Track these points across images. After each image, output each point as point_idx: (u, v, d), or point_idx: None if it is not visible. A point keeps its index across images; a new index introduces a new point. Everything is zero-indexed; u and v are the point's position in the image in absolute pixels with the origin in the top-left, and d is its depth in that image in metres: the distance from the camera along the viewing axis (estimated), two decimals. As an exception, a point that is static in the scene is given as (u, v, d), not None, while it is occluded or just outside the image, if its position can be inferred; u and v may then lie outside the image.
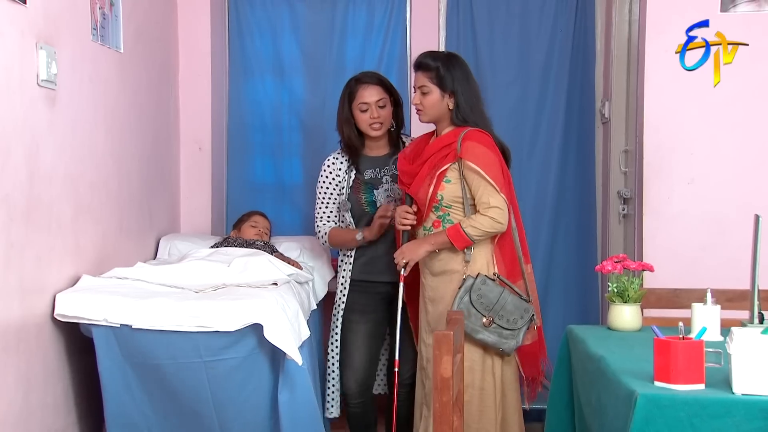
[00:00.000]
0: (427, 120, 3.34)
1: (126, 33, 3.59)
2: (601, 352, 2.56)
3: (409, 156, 3.38)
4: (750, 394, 2.08)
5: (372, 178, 3.69)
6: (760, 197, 3.77)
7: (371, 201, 3.67)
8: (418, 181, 3.25)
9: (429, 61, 3.30)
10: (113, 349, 2.90)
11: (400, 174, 3.39)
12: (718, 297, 2.87)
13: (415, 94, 3.34)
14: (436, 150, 3.26)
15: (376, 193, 3.67)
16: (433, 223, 3.28)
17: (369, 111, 3.59)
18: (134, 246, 3.76)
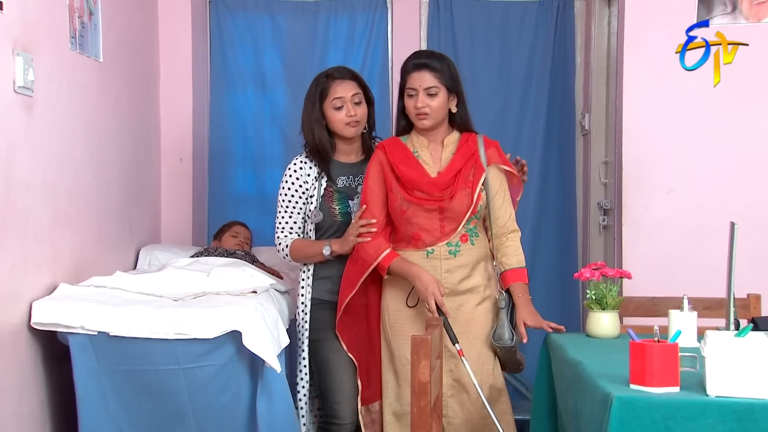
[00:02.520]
0: (431, 124, 3.12)
1: (105, 42, 3.59)
2: (579, 357, 2.57)
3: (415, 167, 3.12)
4: (724, 396, 2.09)
5: (346, 187, 3.36)
6: (737, 207, 3.81)
7: (345, 212, 3.33)
8: (454, 193, 3.07)
9: (435, 61, 3.10)
10: (90, 358, 2.87)
11: (426, 187, 3.08)
12: (696, 305, 2.88)
13: (416, 97, 3.08)
14: (466, 158, 3.11)
15: (351, 204, 3.34)
16: (461, 238, 3.11)
17: (344, 108, 3.26)
18: (113, 255, 3.74)
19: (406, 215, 3.10)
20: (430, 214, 3.09)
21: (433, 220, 3.09)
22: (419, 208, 3.08)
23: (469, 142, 3.15)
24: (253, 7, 5.01)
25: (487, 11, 4.99)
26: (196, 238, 4.75)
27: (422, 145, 3.16)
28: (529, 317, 3.05)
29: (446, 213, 3.08)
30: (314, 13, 5.03)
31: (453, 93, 3.12)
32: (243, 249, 4.22)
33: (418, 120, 3.11)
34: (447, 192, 3.07)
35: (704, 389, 2.12)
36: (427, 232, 3.10)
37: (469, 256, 3.11)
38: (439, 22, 4.99)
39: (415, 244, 3.12)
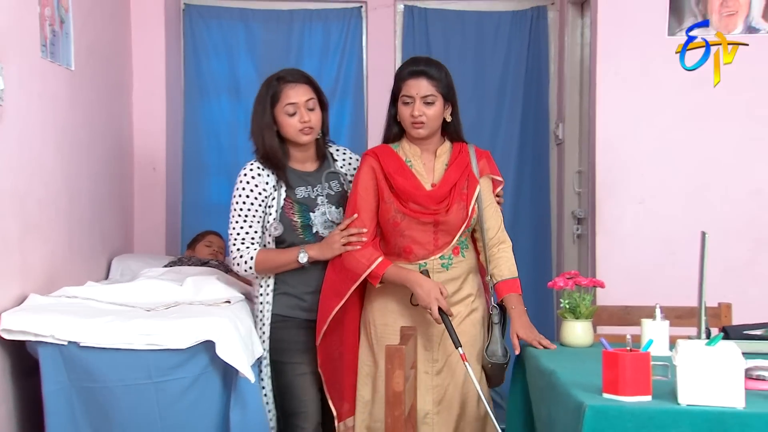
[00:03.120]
0: (427, 134, 3.02)
1: (77, 51, 3.56)
2: (552, 366, 2.57)
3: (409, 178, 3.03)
4: (695, 404, 2.09)
5: (305, 198, 3.15)
6: (708, 217, 3.83)
7: (306, 225, 3.13)
8: (449, 206, 3.00)
9: (432, 69, 3.01)
10: (59, 370, 2.82)
11: (422, 200, 3.00)
12: (668, 314, 2.89)
13: (413, 105, 2.98)
14: (461, 170, 3.05)
15: (312, 216, 3.14)
16: (453, 251, 3.04)
17: (298, 114, 3.07)
18: (85, 265, 3.71)
19: (400, 227, 3.01)
20: (425, 227, 3.01)
21: (427, 233, 3.02)
22: (414, 220, 2.99)
23: (462, 153, 3.08)
24: (227, 16, 5.01)
25: (461, 21, 5.02)
26: (170, 247, 4.72)
27: (415, 154, 3.07)
28: (522, 330, 2.96)
29: (441, 226, 3.01)
30: (289, 22, 5.03)
31: (448, 102, 3.05)
32: (217, 258, 4.20)
33: (413, 129, 3.01)
34: (443, 205, 3.00)
35: (676, 398, 2.12)
36: (420, 245, 3.02)
37: (461, 269, 3.07)
38: (413, 32, 5.01)
39: (407, 257, 3.03)
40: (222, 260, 4.24)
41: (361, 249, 3.00)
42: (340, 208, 3.16)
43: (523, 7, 5.04)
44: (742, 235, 3.89)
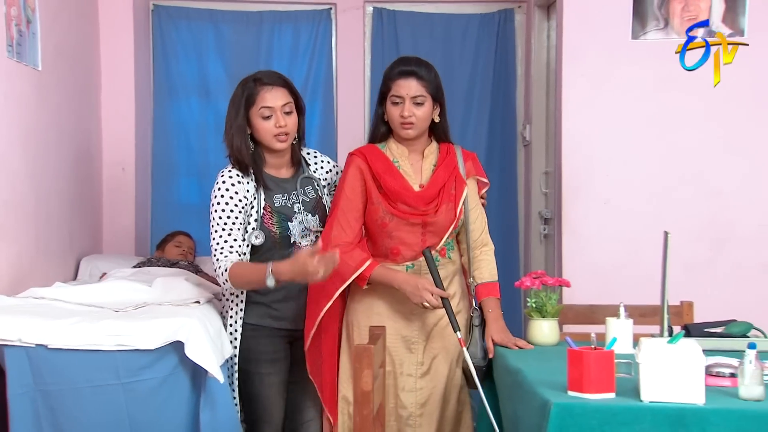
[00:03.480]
0: (416, 134, 2.98)
1: (44, 51, 3.54)
2: (519, 365, 2.59)
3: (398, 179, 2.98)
4: (657, 401, 2.12)
5: (283, 206, 3.04)
6: (671, 217, 3.86)
7: (285, 235, 3.02)
8: (438, 207, 2.97)
9: (422, 70, 2.97)
10: (25, 373, 2.77)
11: (411, 201, 2.95)
12: (632, 312, 2.91)
13: (403, 105, 2.93)
14: (449, 171, 3.02)
15: (290, 226, 3.03)
16: (440, 252, 3.01)
17: (273, 118, 2.95)
18: (53, 266, 3.68)
19: (388, 228, 2.97)
20: (413, 228, 2.97)
21: (416, 235, 2.98)
22: (402, 221, 2.95)
23: (450, 155, 3.05)
24: (197, 17, 4.98)
25: (430, 24, 5.04)
26: (139, 248, 4.70)
27: (402, 154, 3.02)
28: (497, 333, 2.93)
29: (429, 227, 2.98)
30: (258, 24, 5.02)
31: (437, 103, 3.01)
32: (186, 259, 4.18)
33: (402, 129, 2.97)
34: (432, 206, 2.96)
35: (639, 395, 2.15)
36: (408, 246, 2.98)
37: (447, 270, 3.04)
38: (382, 34, 5.02)
39: (394, 258, 2.99)
40: (191, 261, 4.22)
41: (349, 251, 2.92)
42: (316, 216, 3.08)
43: (491, 10, 5.06)
44: (703, 235, 3.92)
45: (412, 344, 3.01)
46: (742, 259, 3.93)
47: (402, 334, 3.00)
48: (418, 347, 3.01)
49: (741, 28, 3.91)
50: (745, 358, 2.18)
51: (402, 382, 2.99)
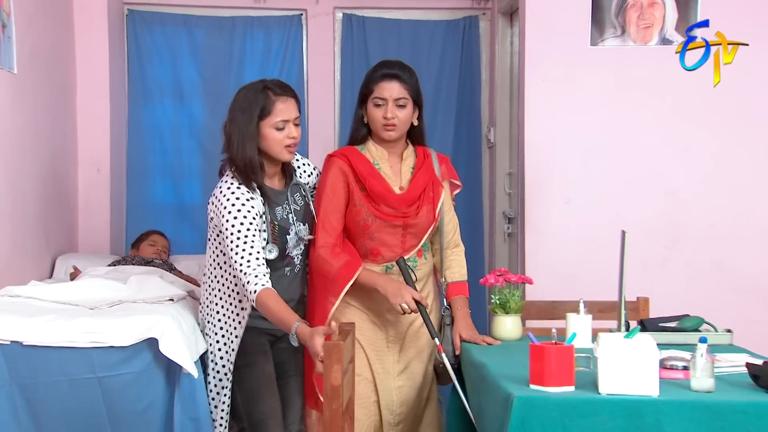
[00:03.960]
0: (397, 136, 2.94)
1: (20, 54, 3.49)
2: (483, 359, 2.60)
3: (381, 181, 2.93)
4: (614, 394, 2.14)
5: (282, 219, 2.89)
6: (628, 216, 3.89)
7: (283, 249, 2.88)
8: (419, 209, 2.94)
9: (405, 73, 2.93)
10: (1, 368, 2.75)
11: (394, 203, 2.91)
12: (591, 308, 2.93)
13: (386, 107, 2.88)
14: (429, 174, 2.99)
15: (288, 239, 2.89)
16: (417, 253, 2.99)
17: (286, 130, 2.81)
18: (29, 265, 3.64)
19: (370, 230, 2.92)
20: (394, 230, 2.93)
21: (396, 236, 2.94)
22: (384, 223, 2.91)
23: (428, 158, 3.03)
24: (171, 21, 4.95)
25: (397, 29, 5.05)
26: (114, 246, 4.66)
27: (382, 157, 2.97)
28: (465, 331, 2.93)
29: (410, 229, 2.94)
30: (231, 29, 5.00)
31: (416, 106, 2.98)
32: (161, 257, 4.15)
33: (384, 131, 2.91)
34: (413, 208, 2.93)
35: (597, 387, 2.17)
36: (388, 247, 2.94)
37: (423, 271, 3.02)
38: (352, 39, 5.02)
39: (374, 259, 2.95)
40: (166, 259, 4.20)
41: (336, 254, 2.86)
42: (306, 224, 2.95)
43: (456, 17, 5.09)
44: (658, 233, 3.96)
45: (389, 343, 2.99)
46: (695, 257, 3.97)
47: (381, 333, 2.98)
48: (395, 347, 3.00)
49: (694, 36, 3.95)
50: (696, 352, 2.22)
51: (383, 377, 2.98)
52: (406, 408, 2.98)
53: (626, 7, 3.96)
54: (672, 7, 3.96)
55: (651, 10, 3.97)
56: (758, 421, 2.10)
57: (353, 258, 2.89)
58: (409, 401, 2.99)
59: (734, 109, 3.97)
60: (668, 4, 3.96)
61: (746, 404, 2.12)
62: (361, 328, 2.94)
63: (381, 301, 2.92)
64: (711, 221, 3.98)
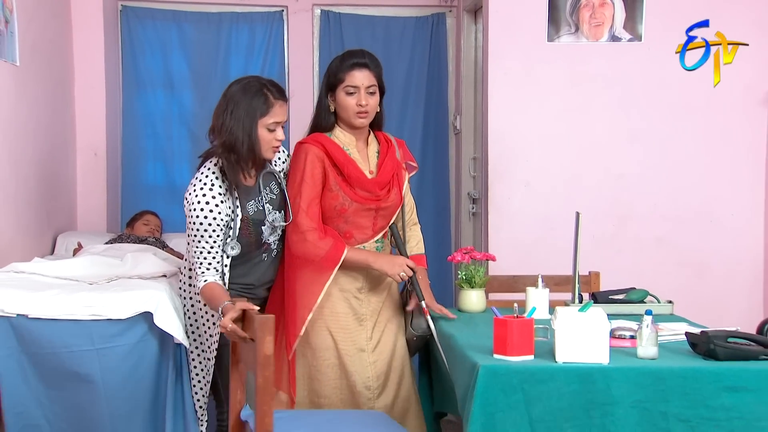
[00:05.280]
0: (368, 122, 2.83)
1: (22, 47, 3.43)
2: (451, 330, 2.61)
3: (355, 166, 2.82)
4: (569, 362, 2.17)
5: (256, 212, 2.76)
6: (582, 197, 3.90)
7: (259, 239, 2.77)
8: (389, 191, 2.85)
9: (373, 62, 2.80)
10: (10, 339, 2.73)
11: (369, 186, 2.81)
12: (548, 281, 2.95)
13: (358, 95, 2.76)
14: (393, 155, 2.89)
15: (263, 229, 2.77)
16: (384, 234, 2.89)
17: (276, 132, 2.68)
18: (32, 242, 3.60)
19: (346, 213, 2.80)
20: (368, 213, 2.83)
21: (368, 218, 2.84)
22: (360, 206, 2.80)
23: (390, 142, 2.93)
24: (162, 17, 4.89)
25: (371, 25, 5.03)
26: (110, 225, 4.62)
27: (351, 143, 2.85)
28: (427, 298, 2.86)
29: (381, 211, 2.85)
30: (217, 24, 4.95)
31: (381, 93, 2.85)
32: (154, 236, 4.12)
33: (357, 117, 2.78)
34: (384, 191, 2.84)
35: (554, 356, 2.19)
36: (361, 229, 2.84)
37: (386, 251, 2.93)
38: (329, 34, 5.00)
39: (347, 241, 2.81)
40: (159, 237, 4.16)
41: (321, 239, 2.73)
42: (282, 212, 2.83)
43: (425, 14, 5.07)
44: (608, 212, 3.98)
45: (362, 321, 2.86)
46: (640, 234, 4.00)
47: (354, 312, 2.86)
48: (366, 323, 2.86)
49: (639, 34, 3.97)
50: (642, 323, 2.25)
51: (356, 357, 2.83)
52: (382, 380, 2.86)
53: (579, 7, 3.96)
54: (620, 7, 3.97)
55: (602, 10, 3.98)
56: (696, 384, 2.14)
57: (338, 240, 2.77)
58: (384, 373, 2.87)
59: (675, 102, 3.99)
60: (617, 4, 3.97)
61: (685, 369, 2.16)
62: (333, 310, 2.83)
63: (355, 278, 2.85)
64: (654, 202, 4.01)
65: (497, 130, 4.02)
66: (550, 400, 2.11)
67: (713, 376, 2.14)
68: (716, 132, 4.01)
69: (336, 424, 2.43)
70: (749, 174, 4.01)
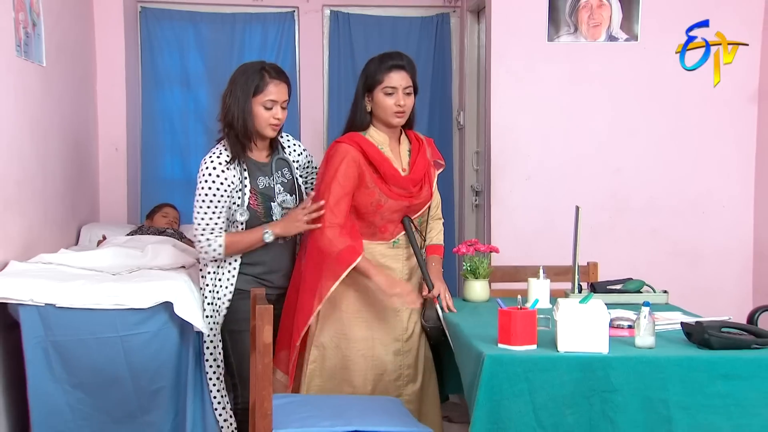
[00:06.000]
0: (403, 122, 2.83)
1: (48, 49, 3.43)
2: (457, 320, 2.62)
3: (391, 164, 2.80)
4: (571, 351, 2.17)
5: (266, 188, 2.83)
6: (580, 191, 3.90)
7: (269, 215, 2.81)
8: (422, 188, 2.86)
9: (410, 64, 2.81)
10: (37, 328, 2.75)
11: (404, 183, 2.80)
12: (548, 271, 2.94)
13: (396, 95, 2.75)
14: (424, 153, 2.89)
15: (273, 206, 2.82)
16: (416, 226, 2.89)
17: (273, 110, 2.74)
18: (58, 234, 3.61)
19: (382, 210, 2.78)
20: (401, 209, 2.81)
21: (401, 214, 2.83)
22: (395, 202, 2.78)
23: (422, 140, 2.92)
24: (179, 17, 4.89)
25: (378, 25, 5.01)
26: (131, 216, 4.63)
27: (384, 142, 2.82)
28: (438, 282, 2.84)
29: (412, 207, 2.84)
30: (232, 24, 4.94)
31: (415, 93, 2.84)
32: (173, 227, 4.12)
33: (395, 117, 2.77)
34: (417, 188, 2.83)
35: (556, 346, 2.20)
36: (394, 224, 2.82)
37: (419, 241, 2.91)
38: (338, 33, 4.98)
39: (382, 236, 2.82)
40: (177, 228, 4.17)
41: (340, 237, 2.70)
42: (294, 195, 2.88)
43: (430, 14, 5.05)
44: (605, 205, 3.97)
45: (398, 312, 2.84)
46: (636, 225, 3.99)
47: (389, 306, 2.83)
48: (403, 315, 2.85)
49: (635, 34, 3.95)
50: (640, 314, 2.25)
51: (391, 347, 2.82)
52: (412, 369, 2.86)
53: (578, 8, 3.94)
54: (617, 8, 3.94)
55: (599, 11, 3.96)
56: (691, 372, 2.15)
57: (356, 244, 2.73)
58: (414, 363, 2.86)
59: (670, 99, 3.97)
60: (614, 5, 3.94)
61: (681, 358, 2.17)
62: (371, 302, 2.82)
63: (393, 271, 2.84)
64: (650, 195, 4.00)
65: (499, 125, 4.01)
66: (553, 388, 2.11)
67: (708, 364, 2.14)
68: (708, 128, 3.99)
69: (346, 408, 2.43)
70: (739, 168, 4.00)
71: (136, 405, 2.85)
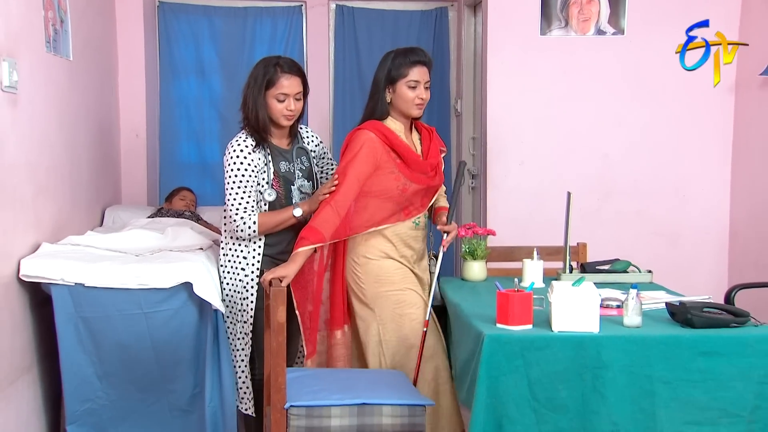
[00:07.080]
0: (422, 113, 2.85)
1: (74, 44, 3.40)
2: (457, 299, 2.63)
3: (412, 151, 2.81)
4: (564, 331, 2.19)
5: (287, 172, 2.88)
6: (571, 175, 3.91)
7: (289, 197, 2.86)
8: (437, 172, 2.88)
9: (429, 60, 2.83)
10: (68, 304, 2.77)
11: (423, 167, 2.80)
12: (541, 252, 2.96)
13: (418, 89, 2.78)
14: (435, 142, 2.91)
15: (292, 189, 2.87)
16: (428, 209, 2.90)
17: (286, 102, 2.78)
18: (85, 216, 3.61)
19: (407, 193, 2.77)
20: (420, 190, 2.82)
21: (420, 196, 2.83)
22: (417, 186, 2.79)
23: (430, 129, 2.94)
24: (194, 12, 4.85)
25: (381, 19, 4.98)
26: (150, 198, 4.63)
27: (400, 130, 2.82)
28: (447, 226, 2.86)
29: (429, 190, 2.86)
30: (243, 17, 4.91)
31: None
32: (190, 210, 4.12)
33: (416, 109, 2.79)
34: (434, 171, 2.85)
35: (550, 326, 2.21)
36: (414, 206, 2.83)
37: (424, 223, 2.92)
38: (344, 27, 4.95)
39: (406, 216, 2.81)
40: (194, 211, 4.17)
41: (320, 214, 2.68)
42: (311, 181, 2.93)
43: (429, 8, 5.01)
44: (594, 189, 3.98)
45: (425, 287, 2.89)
46: (622, 207, 4.00)
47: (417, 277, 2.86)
48: (425, 292, 2.87)
49: (622, 28, 3.93)
50: (628, 295, 2.26)
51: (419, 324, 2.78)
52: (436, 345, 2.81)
53: (569, 4, 3.92)
54: (605, 3, 3.92)
55: (589, 6, 3.93)
56: (676, 350, 2.17)
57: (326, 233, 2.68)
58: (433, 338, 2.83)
59: (654, 89, 3.96)
60: (602, 1, 3.92)
61: (666, 337, 2.19)
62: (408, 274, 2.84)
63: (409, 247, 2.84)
64: (635, 178, 4.01)
65: (494, 113, 4.00)
66: (547, 365, 2.14)
67: (691, 342, 2.16)
68: (689, 117, 3.99)
69: (354, 381, 2.45)
70: (717, 155, 4.00)
71: (159, 375, 2.87)
